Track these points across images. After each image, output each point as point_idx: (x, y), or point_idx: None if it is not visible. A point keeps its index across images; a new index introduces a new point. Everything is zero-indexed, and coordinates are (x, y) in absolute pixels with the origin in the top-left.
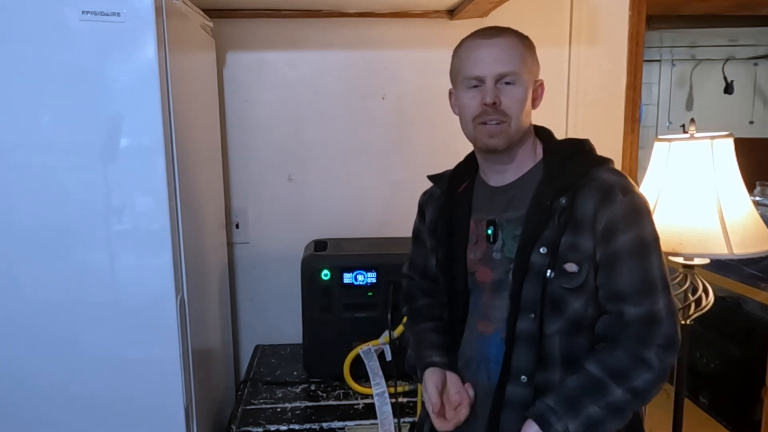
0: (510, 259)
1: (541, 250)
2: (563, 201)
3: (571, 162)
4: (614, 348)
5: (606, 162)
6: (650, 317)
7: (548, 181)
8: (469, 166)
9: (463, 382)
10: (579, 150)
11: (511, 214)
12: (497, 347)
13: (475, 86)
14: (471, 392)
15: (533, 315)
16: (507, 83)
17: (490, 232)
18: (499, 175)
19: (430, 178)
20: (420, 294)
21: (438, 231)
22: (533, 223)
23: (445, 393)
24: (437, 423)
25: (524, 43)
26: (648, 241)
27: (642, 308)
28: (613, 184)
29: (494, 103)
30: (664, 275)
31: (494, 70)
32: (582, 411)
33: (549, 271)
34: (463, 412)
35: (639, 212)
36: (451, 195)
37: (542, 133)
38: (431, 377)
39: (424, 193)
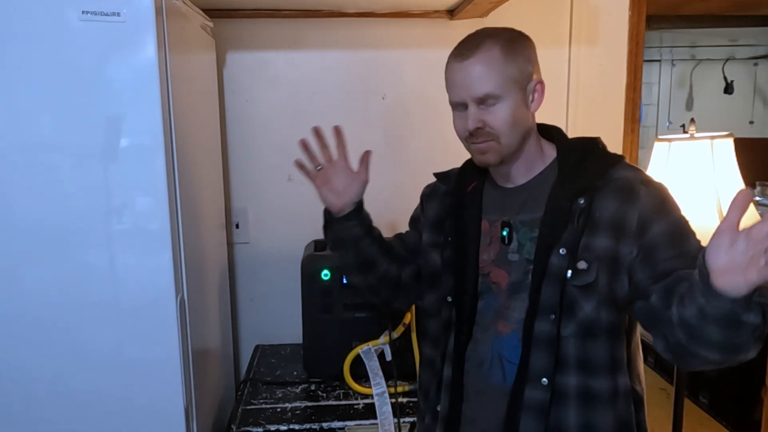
0: (529, 260)
1: (560, 251)
2: (582, 202)
3: (586, 162)
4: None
5: (620, 159)
6: None
7: (564, 182)
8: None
9: (475, 386)
10: (593, 149)
11: (526, 216)
12: (514, 347)
13: (461, 109)
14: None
15: (553, 316)
16: (489, 103)
17: (505, 233)
18: (508, 179)
19: (437, 175)
20: (393, 245)
21: (446, 229)
22: (550, 224)
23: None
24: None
25: (504, 51)
26: (681, 225)
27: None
28: (633, 180)
29: (477, 128)
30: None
31: (472, 95)
32: None
33: (569, 271)
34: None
35: (665, 201)
36: (460, 194)
37: (552, 133)
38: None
39: (427, 186)
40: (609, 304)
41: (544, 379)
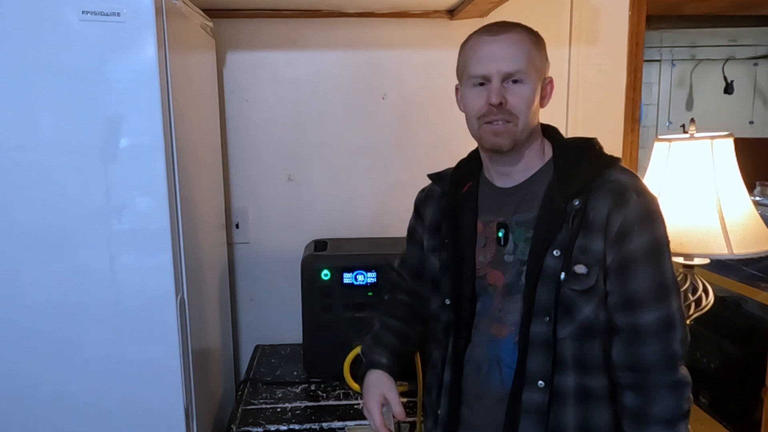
0: (523, 261)
1: (554, 252)
2: (577, 203)
3: (582, 162)
4: (648, 391)
5: (616, 161)
6: (666, 322)
7: (560, 183)
8: (471, 164)
9: (473, 390)
10: (589, 149)
11: (522, 216)
12: (511, 350)
13: (481, 84)
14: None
15: (548, 318)
16: (514, 81)
17: (501, 234)
18: (505, 176)
19: (431, 176)
20: (402, 291)
21: (442, 232)
22: (546, 225)
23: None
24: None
25: (533, 39)
26: (661, 244)
27: (657, 313)
28: (627, 186)
29: (500, 104)
30: (675, 277)
31: (500, 69)
32: None
33: (563, 273)
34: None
35: (652, 215)
36: (455, 195)
37: (549, 132)
38: (374, 390)
39: (422, 191)
40: (605, 304)
41: (541, 382)
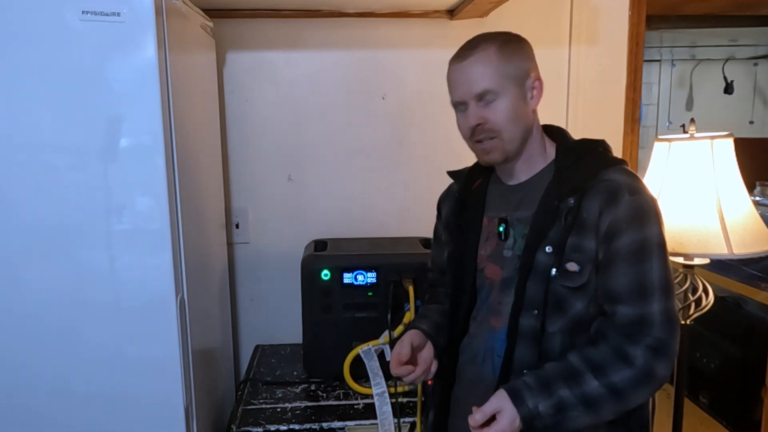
0: (519, 257)
1: (546, 249)
2: (571, 201)
3: (581, 163)
4: (599, 342)
5: (618, 163)
6: (641, 319)
7: (557, 182)
8: None
9: (469, 377)
10: (591, 151)
11: (521, 213)
12: (503, 341)
13: (463, 108)
14: (434, 368)
15: (536, 311)
16: (488, 100)
17: (501, 229)
18: (511, 175)
19: (450, 174)
20: (440, 286)
21: (451, 226)
22: (540, 222)
23: (420, 355)
24: (395, 369)
25: (502, 50)
26: (649, 244)
27: (634, 310)
28: (621, 185)
29: (479, 124)
30: (665, 281)
31: (471, 92)
32: (555, 393)
33: (554, 270)
34: (420, 374)
35: (644, 214)
36: (466, 191)
37: (555, 133)
38: (410, 334)
39: (444, 192)
40: (597, 300)
41: (526, 372)
